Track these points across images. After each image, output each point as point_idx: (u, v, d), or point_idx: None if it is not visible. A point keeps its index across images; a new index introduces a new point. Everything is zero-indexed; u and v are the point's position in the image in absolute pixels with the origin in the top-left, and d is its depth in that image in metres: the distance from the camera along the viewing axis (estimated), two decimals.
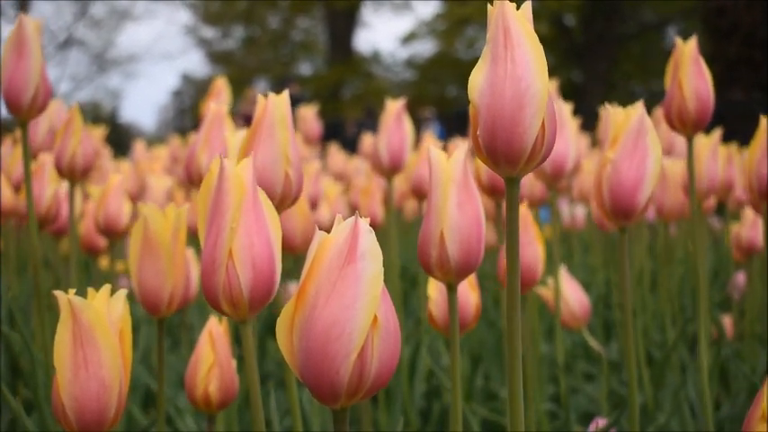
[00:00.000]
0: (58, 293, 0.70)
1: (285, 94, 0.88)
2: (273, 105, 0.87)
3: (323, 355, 0.51)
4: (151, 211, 0.93)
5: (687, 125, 1.11)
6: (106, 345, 0.70)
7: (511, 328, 0.64)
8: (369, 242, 0.52)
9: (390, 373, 0.53)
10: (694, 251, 1.16)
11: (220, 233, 0.66)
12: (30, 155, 1.17)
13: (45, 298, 1.26)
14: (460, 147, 0.81)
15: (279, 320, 0.53)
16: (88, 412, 0.70)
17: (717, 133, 1.56)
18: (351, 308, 0.51)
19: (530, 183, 1.84)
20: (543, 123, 0.60)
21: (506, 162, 0.60)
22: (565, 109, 1.50)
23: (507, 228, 0.63)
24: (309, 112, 3.17)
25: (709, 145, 1.51)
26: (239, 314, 0.67)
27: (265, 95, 0.88)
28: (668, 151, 1.95)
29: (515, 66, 0.59)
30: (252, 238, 0.66)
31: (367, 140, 3.37)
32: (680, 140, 1.96)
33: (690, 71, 1.10)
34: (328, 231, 0.53)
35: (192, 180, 1.27)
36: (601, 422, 1.23)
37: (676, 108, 1.10)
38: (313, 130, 3.14)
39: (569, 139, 1.45)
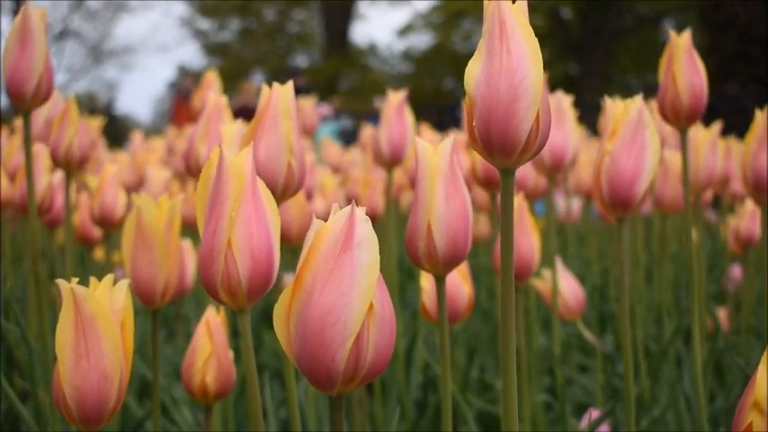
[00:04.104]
0: (60, 282, 0.70)
1: (289, 84, 0.88)
2: (278, 96, 0.87)
3: (319, 341, 0.52)
4: (145, 201, 0.93)
5: (681, 118, 1.11)
6: (108, 335, 0.70)
7: (505, 319, 0.64)
8: (365, 231, 0.52)
9: (386, 361, 0.53)
10: (687, 243, 1.16)
11: (219, 222, 0.66)
12: (31, 145, 1.17)
13: (42, 288, 1.26)
14: (447, 139, 0.81)
15: (276, 308, 0.53)
16: (89, 402, 0.70)
17: (716, 126, 1.56)
18: (347, 295, 0.51)
19: (531, 176, 1.83)
20: (538, 115, 0.60)
21: (501, 153, 0.61)
22: (565, 101, 1.50)
23: (502, 218, 0.63)
24: (308, 104, 3.17)
25: (708, 138, 1.51)
26: (237, 303, 0.67)
27: (270, 86, 0.88)
28: (662, 144, 1.95)
29: (510, 58, 0.60)
30: (251, 228, 0.66)
31: (367, 132, 3.38)
32: (674, 132, 1.96)
33: (684, 64, 1.10)
34: (325, 221, 0.53)
35: (191, 171, 1.27)
36: (596, 414, 1.24)
37: (670, 101, 1.11)
38: (311, 121, 3.14)
39: (569, 131, 1.45)
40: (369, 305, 0.52)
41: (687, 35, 1.11)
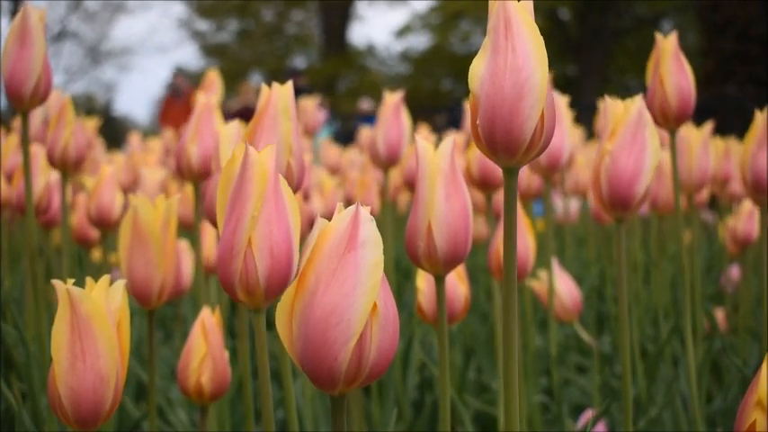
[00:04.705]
0: (56, 283, 0.69)
1: (289, 84, 0.88)
2: (277, 96, 0.87)
3: (322, 341, 0.51)
4: (141, 201, 0.93)
5: (669, 120, 1.12)
6: (104, 336, 0.69)
7: (507, 319, 0.64)
8: (369, 230, 0.52)
9: (388, 361, 0.53)
10: (679, 244, 1.16)
11: (240, 221, 0.66)
12: (29, 145, 1.17)
13: (40, 289, 1.26)
14: (448, 139, 0.81)
15: (278, 307, 0.53)
16: (84, 403, 0.70)
17: (708, 126, 1.56)
18: (350, 295, 0.51)
19: (526, 176, 1.84)
20: (542, 114, 0.60)
21: (505, 151, 0.61)
22: (561, 102, 1.50)
23: (504, 218, 0.63)
24: (310, 104, 3.17)
25: (700, 138, 1.51)
26: (254, 302, 0.67)
27: (270, 86, 0.88)
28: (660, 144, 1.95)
29: (516, 56, 0.60)
30: (272, 227, 0.66)
31: (365, 133, 3.38)
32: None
33: (671, 67, 1.11)
34: (329, 220, 0.53)
35: (182, 173, 1.26)
36: (592, 414, 1.24)
37: (658, 103, 1.11)
38: (313, 121, 3.15)
39: (565, 132, 1.45)
40: (372, 305, 0.51)
41: (673, 38, 1.11)
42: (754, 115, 1.29)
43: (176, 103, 6.96)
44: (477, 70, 0.61)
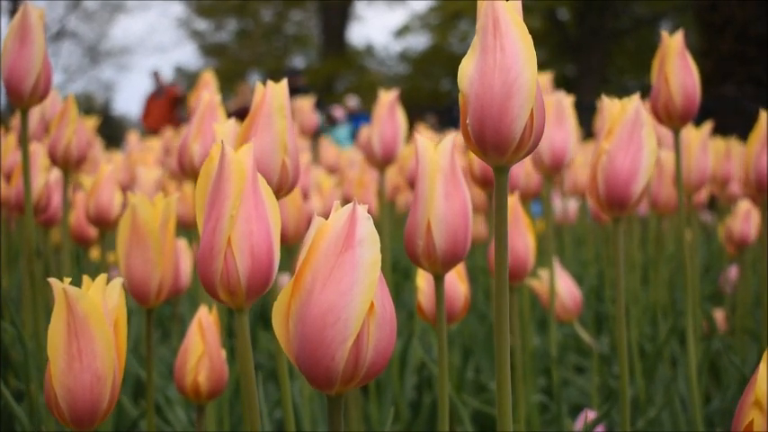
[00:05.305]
0: (53, 281, 0.69)
1: (284, 83, 0.88)
2: (272, 94, 0.87)
3: (319, 340, 0.51)
4: (140, 200, 0.93)
5: (674, 118, 1.12)
6: (101, 335, 0.69)
7: (499, 318, 0.64)
8: (366, 229, 0.52)
9: (386, 361, 0.53)
10: (682, 243, 1.16)
11: (220, 220, 0.65)
12: (28, 144, 1.17)
13: (38, 288, 1.25)
14: (448, 137, 0.81)
15: (275, 306, 0.53)
16: (81, 403, 0.69)
17: (707, 126, 1.56)
18: (347, 294, 0.51)
19: (525, 175, 1.83)
20: (532, 113, 0.60)
21: (495, 151, 0.61)
22: (565, 101, 1.50)
23: (496, 216, 0.63)
24: (306, 104, 3.17)
25: (699, 138, 1.51)
26: (236, 302, 0.67)
27: (264, 84, 0.88)
28: (659, 144, 1.95)
29: (504, 56, 0.60)
30: (251, 226, 0.65)
31: (362, 132, 3.38)
32: (669, 133, 1.96)
33: (676, 65, 1.10)
34: (326, 219, 0.53)
35: (184, 170, 1.26)
36: (591, 414, 1.24)
37: (663, 101, 1.11)
38: (310, 121, 3.15)
39: (569, 132, 1.45)
40: (369, 304, 0.51)
41: (679, 36, 1.11)
42: (752, 115, 1.29)
43: (157, 102, 6.99)
44: (467, 70, 0.61)
